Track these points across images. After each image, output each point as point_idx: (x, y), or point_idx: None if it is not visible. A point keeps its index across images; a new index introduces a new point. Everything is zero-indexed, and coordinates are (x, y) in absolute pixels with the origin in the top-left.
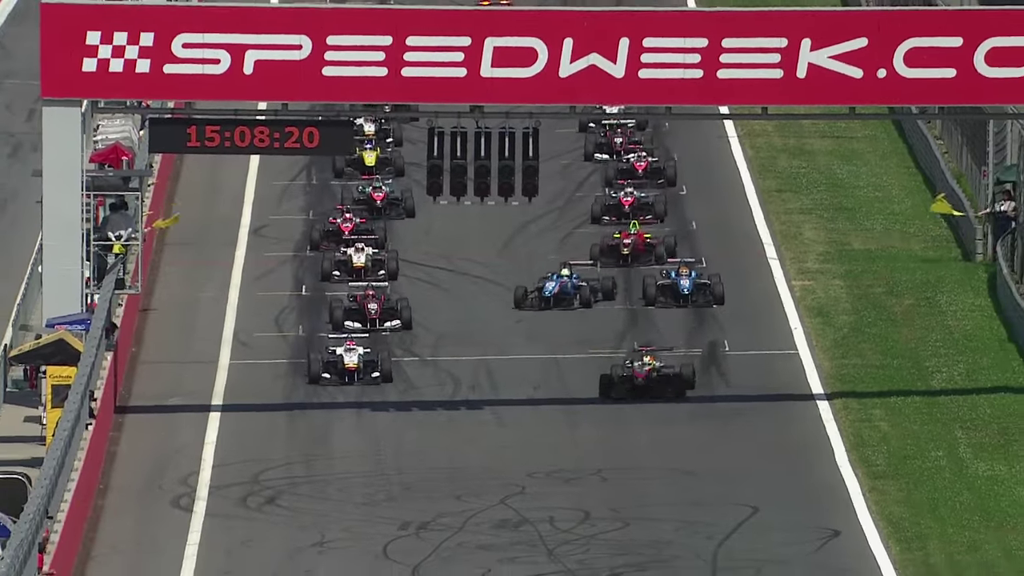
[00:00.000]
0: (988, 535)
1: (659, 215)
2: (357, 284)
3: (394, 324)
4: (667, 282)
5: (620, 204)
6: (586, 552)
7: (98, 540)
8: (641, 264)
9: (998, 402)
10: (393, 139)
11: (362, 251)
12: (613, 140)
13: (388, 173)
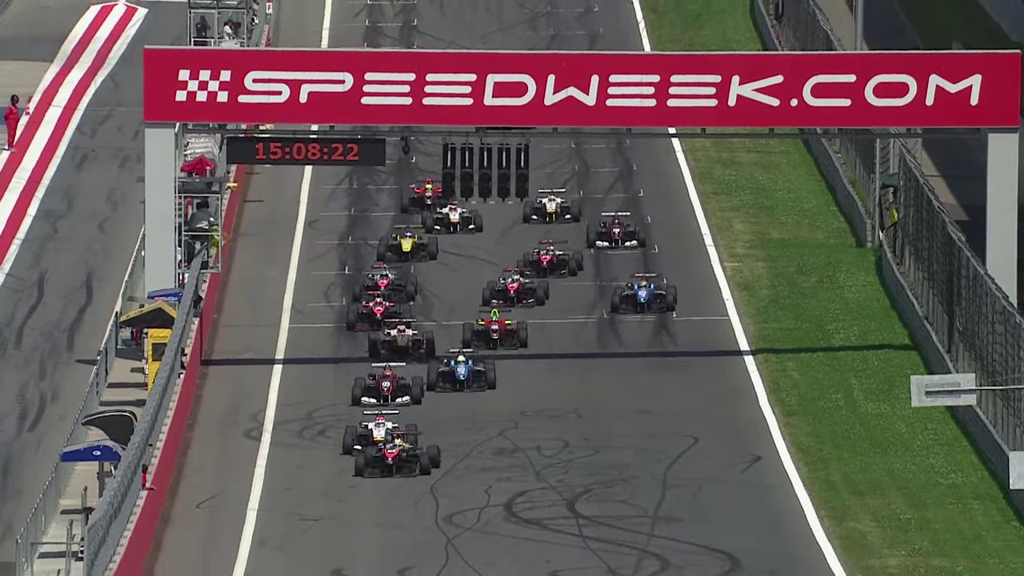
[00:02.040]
0: (876, 459)
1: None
2: (377, 365)
3: (404, 400)
4: (629, 292)
5: (539, 260)
6: (565, 473)
7: (188, 463)
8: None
9: (883, 356)
10: (474, 225)
11: (404, 333)
12: (612, 230)
13: (423, 257)
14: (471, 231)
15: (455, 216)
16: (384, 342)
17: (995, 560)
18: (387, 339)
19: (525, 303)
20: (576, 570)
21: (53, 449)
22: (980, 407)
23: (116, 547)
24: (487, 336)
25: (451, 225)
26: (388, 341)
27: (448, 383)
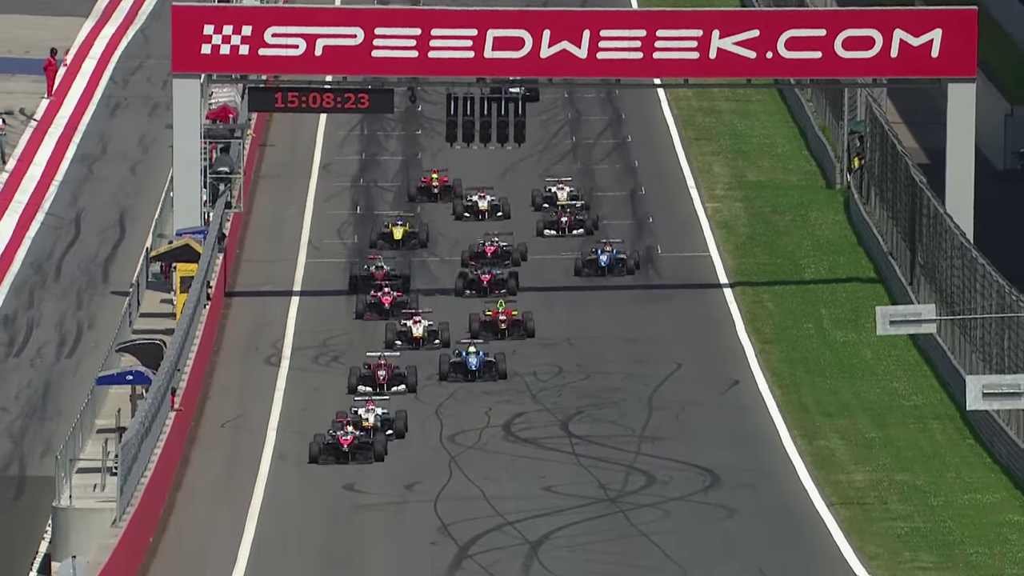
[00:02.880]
0: (843, 383)
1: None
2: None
3: (400, 388)
4: (592, 257)
5: (479, 280)
6: (559, 396)
7: (213, 386)
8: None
9: (850, 288)
10: (502, 212)
11: (419, 323)
12: (560, 220)
13: (414, 246)
14: (499, 218)
15: (484, 204)
16: (400, 332)
17: (952, 475)
18: (403, 330)
19: (503, 266)
20: (569, 485)
21: (89, 374)
22: (939, 335)
23: (147, 463)
24: (495, 326)
25: (480, 213)
26: (404, 332)
27: (460, 373)
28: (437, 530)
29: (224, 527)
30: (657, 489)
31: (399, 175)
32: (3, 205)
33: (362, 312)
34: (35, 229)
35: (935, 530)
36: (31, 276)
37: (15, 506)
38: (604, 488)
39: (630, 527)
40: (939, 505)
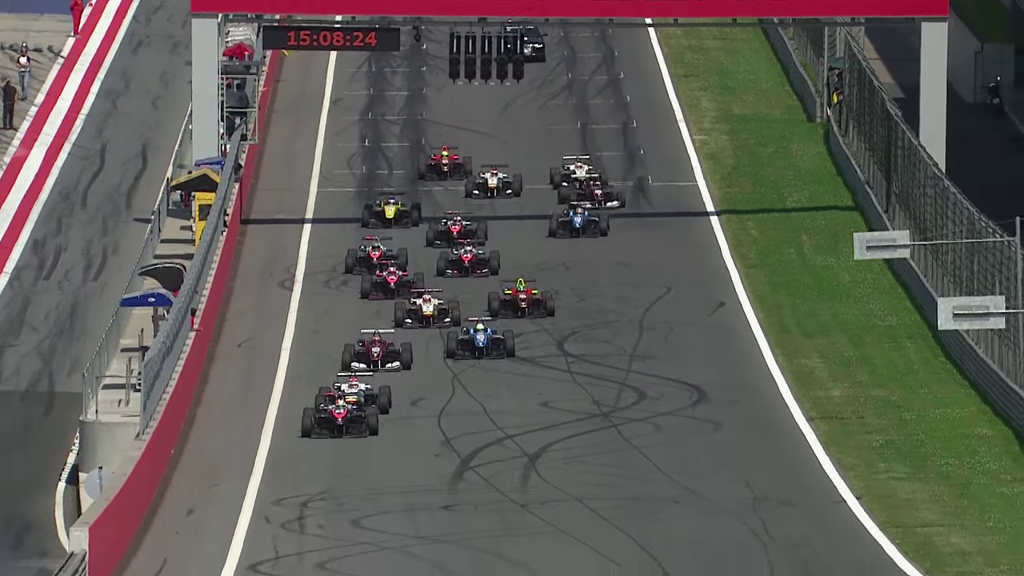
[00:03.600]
0: (823, 305)
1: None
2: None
3: (394, 365)
4: (565, 219)
5: (460, 260)
6: (555, 317)
7: (231, 308)
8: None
9: (830, 216)
10: (512, 190)
11: (429, 302)
12: (592, 192)
13: (406, 224)
14: (508, 196)
15: (494, 181)
16: (410, 311)
17: (925, 391)
18: (413, 308)
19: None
20: (565, 400)
21: (114, 296)
22: (913, 259)
23: (168, 380)
24: (515, 305)
25: (490, 190)
26: (414, 310)
27: (467, 351)
28: (440, 444)
29: (240, 440)
30: (647, 405)
31: (404, 109)
32: (32, 137)
33: (368, 292)
34: (62, 160)
35: (908, 442)
36: (59, 204)
37: (45, 420)
38: (598, 404)
39: (622, 440)
40: (912, 419)
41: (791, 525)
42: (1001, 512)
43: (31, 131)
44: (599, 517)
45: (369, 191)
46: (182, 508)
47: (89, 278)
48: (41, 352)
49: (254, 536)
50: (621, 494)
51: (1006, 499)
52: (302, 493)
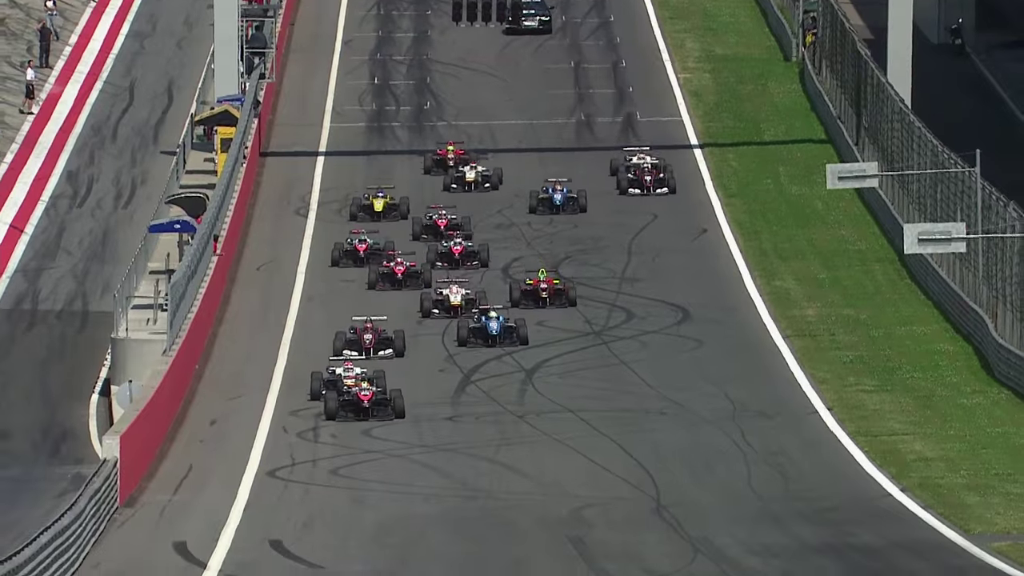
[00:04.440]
0: (798, 231)
1: (483, 262)
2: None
3: (387, 353)
4: (545, 196)
5: (451, 252)
6: (551, 243)
7: (250, 235)
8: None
9: (804, 148)
10: (490, 184)
11: (457, 292)
12: (643, 177)
13: (394, 218)
14: (487, 190)
15: (472, 175)
16: (437, 301)
17: (892, 309)
18: (439, 298)
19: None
20: (559, 320)
21: (142, 223)
22: (881, 189)
23: (193, 301)
24: (536, 295)
25: (467, 184)
26: (441, 300)
27: (480, 339)
28: (444, 359)
29: (260, 356)
30: (636, 324)
31: (411, 50)
32: (67, 75)
33: (374, 283)
34: (94, 96)
35: (876, 357)
36: (91, 137)
37: (79, 337)
38: (590, 323)
39: (612, 357)
40: (879, 336)
41: (768, 434)
42: (961, 422)
43: (65, 70)
44: (591, 427)
45: (379, 126)
46: (206, 418)
47: (119, 206)
48: (75, 274)
49: (272, 444)
50: (611, 406)
51: (966, 410)
52: (317, 404)
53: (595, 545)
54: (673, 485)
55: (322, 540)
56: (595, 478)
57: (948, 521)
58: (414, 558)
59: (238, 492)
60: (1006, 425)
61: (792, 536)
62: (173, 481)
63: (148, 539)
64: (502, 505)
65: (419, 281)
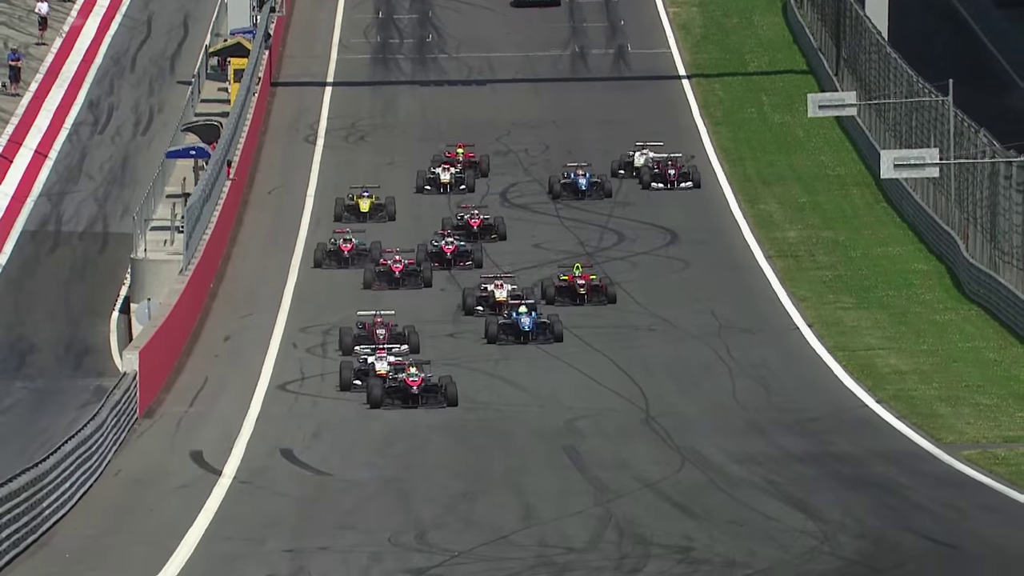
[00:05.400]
0: (780, 157)
1: (478, 262)
2: (365, 313)
3: (402, 349)
4: (568, 181)
5: (442, 252)
6: (546, 170)
7: (262, 160)
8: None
9: (787, 79)
10: (466, 186)
11: (502, 287)
12: (667, 172)
13: (381, 218)
14: (462, 192)
15: (446, 177)
16: (481, 298)
17: (869, 232)
18: (484, 295)
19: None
20: (554, 241)
21: (159, 149)
22: (859, 117)
23: (208, 223)
24: (572, 292)
25: (442, 185)
26: (485, 297)
27: (511, 335)
28: (446, 279)
29: (272, 274)
30: (626, 245)
31: None
32: (88, 8)
33: (370, 281)
34: (114, 29)
35: (854, 276)
36: (111, 67)
37: (100, 257)
38: (583, 244)
39: (604, 277)
40: (857, 256)
41: (751, 349)
42: (934, 337)
43: (87, 3)
44: (584, 343)
45: (383, 58)
46: (220, 334)
47: (138, 133)
48: (96, 198)
49: (283, 359)
50: (604, 323)
51: (938, 326)
52: (325, 322)
53: (588, 454)
54: (662, 398)
55: (330, 449)
56: (588, 391)
57: (921, 431)
58: (418, 466)
59: (251, 404)
60: (976, 340)
61: (774, 445)
62: (189, 393)
63: (166, 448)
64: (501, 417)
65: (418, 280)
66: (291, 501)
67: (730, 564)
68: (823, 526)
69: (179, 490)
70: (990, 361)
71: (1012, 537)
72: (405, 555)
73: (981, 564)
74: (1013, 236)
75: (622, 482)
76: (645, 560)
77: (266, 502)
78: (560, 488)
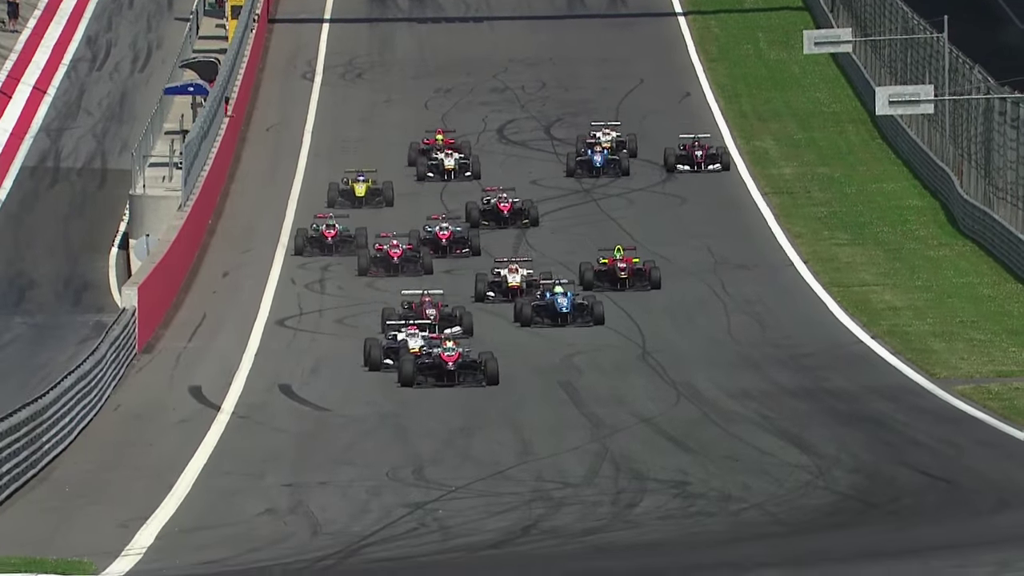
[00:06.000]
0: (775, 94)
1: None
2: (411, 293)
3: (455, 330)
4: (584, 158)
5: (437, 238)
6: (543, 106)
7: (259, 98)
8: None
9: (782, 16)
10: (471, 173)
11: (516, 271)
12: (694, 153)
13: (378, 204)
14: (467, 179)
15: (450, 162)
16: (493, 283)
17: (864, 168)
18: (496, 280)
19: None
20: (551, 179)
21: (158, 85)
22: (855, 53)
23: (206, 159)
24: (612, 276)
25: (445, 171)
26: (497, 281)
27: (547, 317)
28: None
29: (270, 210)
30: (623, 182)
31: None
32: None
33: (366, 268)
34: None
35: (849, 213)
36: (109, 4)
37: (99, 193)
38: (580, 181)
39: (601, 213)
40: (852, 193)
41: (747, 285)
42: (928, 273)
43: None
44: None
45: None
46: (218, 270)
47: (136, 69)
48: (95, 134)
49: (281, 295)
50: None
51: (932, 261)
52: (322, 258)
53: (585, 390)
54: (657, 333)
55: (328, 385)
56: (584, 327)
57: (915, 366)
58: (415, 402)
59: (249, 340)
60: (970, 276)
61: (769, 381)
62: (188, 329)
63: (165, 383)
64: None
65: (418, 266)
66: (290, 436)
67: (725, 498)
68: (818, 461)
69: (178, 425)
70: (984, 297)
71: (1006, 471)
72: (403, 489)
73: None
74: (1007, 172)
75: (618, 417)
76: (641, 495)
77: (265, 437)
78: (557, 423)
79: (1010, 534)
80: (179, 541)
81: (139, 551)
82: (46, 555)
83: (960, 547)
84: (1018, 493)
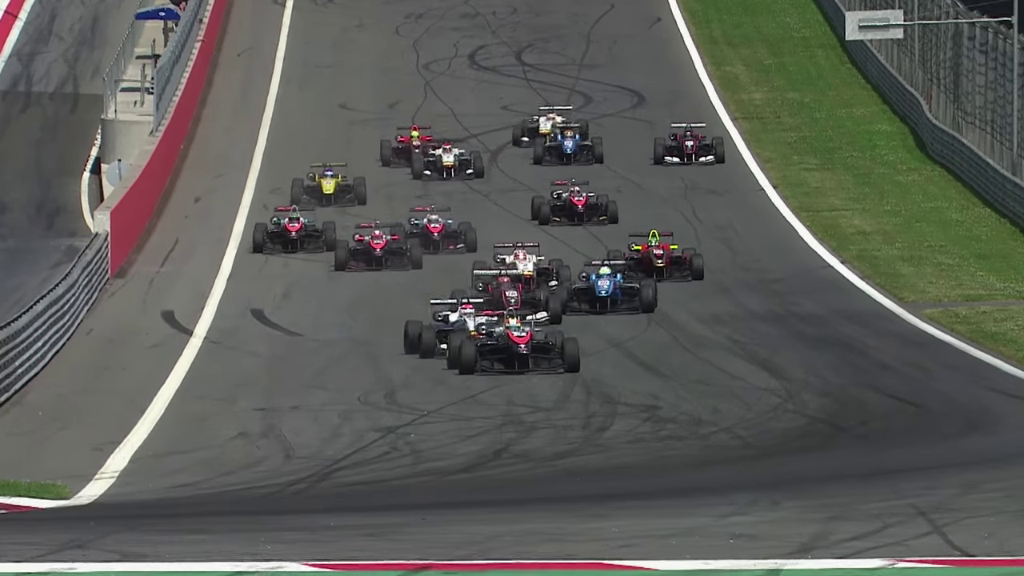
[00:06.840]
0: (746, 19)
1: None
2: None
3: (541, 316)
4: (554, 144)
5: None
6: (514, 31)
7: (231, 21)
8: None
9: None
10: (473, 170)
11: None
12: (684, 143)
13: (349, 201)
14: (469, 176)
15: (449, 159)
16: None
17: (833, 93)
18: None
19: None
20: (522, 103)
21: (130, 10)
22: None
23: (178, 84)
24: (647, 264)
25: (444, 169)
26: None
27: (586, 303)
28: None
29: (242, 136)
30: (594, 107)
31: None
32: None
33: (344, 261)
34: None
35: (818, 138)
36: None
37: (71, 118)
38: (547, 103)
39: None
40: (822, 118)
41: (717, 210)
42: (897, 198)
43: None
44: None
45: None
46: (191, 195)
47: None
48: (67, 59)
49: (254, 220)
50: None
51: (901, 186)
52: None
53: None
54: None
55: (300, 310)
56: (555, 251)
57: (884, 290)
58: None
59: (221, 265)
60: (938, 200)
61: (739, 305)
62: (160, 254)
63: (137, 308)
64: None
65: (404, 260)
66: (262, 361)
67: (695, 422)
68: (787, 385)
69: (151, 349)
70: (952, 221)
71: (973, 395)
72: (375, 414)
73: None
74: (976, 97)
75: (589, 341)
76: (612, 419)
77: (237, 362)
78: None
79: (977, 456)
80: (152, 465)
81: (112, 475)
82: (19, 478)
83: (928, 469)
84: (985, 416)
